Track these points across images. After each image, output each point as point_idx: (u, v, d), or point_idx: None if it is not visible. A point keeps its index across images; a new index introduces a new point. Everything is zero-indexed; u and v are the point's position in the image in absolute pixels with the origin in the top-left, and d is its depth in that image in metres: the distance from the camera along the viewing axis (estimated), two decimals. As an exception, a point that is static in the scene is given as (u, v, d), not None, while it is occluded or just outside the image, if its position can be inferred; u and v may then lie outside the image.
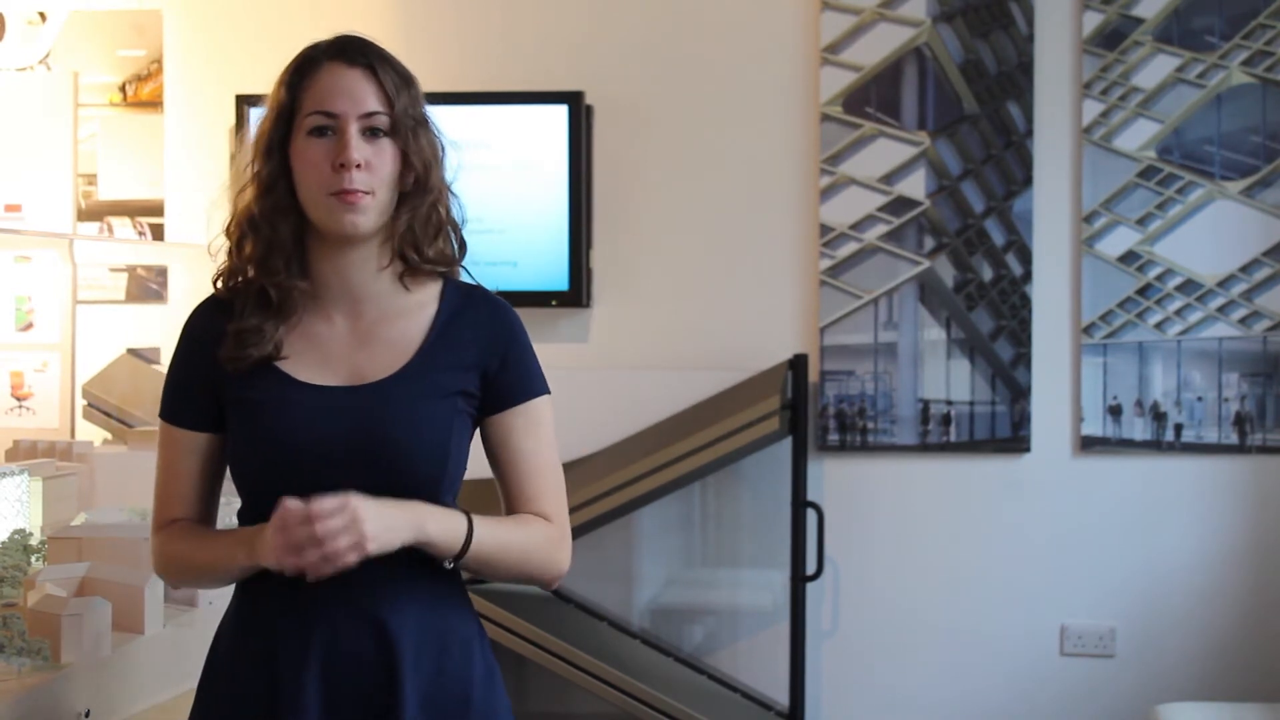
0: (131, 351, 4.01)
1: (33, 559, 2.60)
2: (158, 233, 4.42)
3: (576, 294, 4.20)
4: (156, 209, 4.43)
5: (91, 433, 3.73)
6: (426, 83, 4.73)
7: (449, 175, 1.99)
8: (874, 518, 4.22)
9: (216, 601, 2.73)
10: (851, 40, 4.17)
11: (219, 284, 1.97)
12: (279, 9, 4.39)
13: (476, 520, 1.89)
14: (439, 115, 2.03)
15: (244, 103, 4.26)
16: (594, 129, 4.26)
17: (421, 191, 1.94)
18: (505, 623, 3.91)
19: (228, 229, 1.97)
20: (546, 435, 1.99)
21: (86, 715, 2.32)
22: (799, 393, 4.03)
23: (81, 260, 4.04)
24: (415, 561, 1.89)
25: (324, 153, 1.88)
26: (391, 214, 1.92)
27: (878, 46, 4.16)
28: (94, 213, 4.45)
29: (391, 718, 1.87)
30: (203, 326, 1.97)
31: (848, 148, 4.18)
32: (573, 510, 3.94)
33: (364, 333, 1.94)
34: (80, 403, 3.81)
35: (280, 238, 1.91)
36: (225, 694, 1.94)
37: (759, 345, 4.19)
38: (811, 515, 4.06)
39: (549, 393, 2.01)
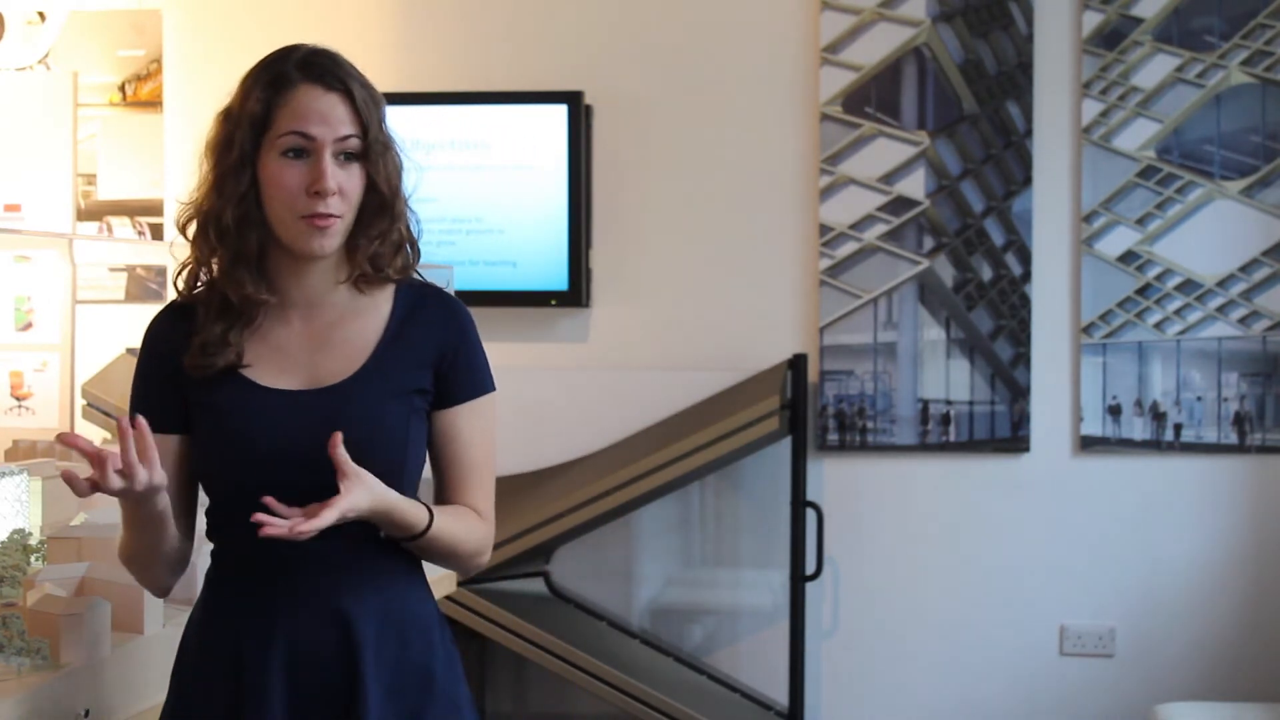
0: (131, 351, 3.99)
1: (32, 559, 2.60)
2: (157, 233, 4.42)
3: (576, 294, 4.20)
4: (156, 209, 4.43)
5: (91, 433, 3.72)
6: (426, 83, 4.73)
7: (408, 190, 2.01)
8: (874, 518, 4.22)
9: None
10: (851, 40, 4.17)
11: (180, 285, 2.00)
12: (279, 9, 4.39)
13: (436, 513, 1.94)
14: (433, 116, 2.04)
15: (244, 103, 4.26)
16: (593, 129, 4.26)
17: (388, 216, 1.97)
18: (505, 623, 3.92)
19: (184, 224, 1.98)
20: (489, 432, 2.04)
21: (86, 715, 2.31)
22: (798, 393, 4.03)
23: (81, 260, 4.03)
24: (374, 548, 1.94)
25: (298, 176, 1.90)
26: (354, 234, 1.95)
27: (877, 46, 4.16)
28: (93, 212, 4.45)
29: (355, 708, 1.90)
30: (165, 334, 2.00)
31: (847, 148, 4.18)
32: (573, 510, 3.97)
33: (320, 335, 1.97)
34: (80, 403, 3.80)
35: (248, 249, 1.93)
36: (192, 693, 1.98)
37: (759, 345, 4.20)
38: (811, 515, 4.06)
39: (495, 390, 2.05)
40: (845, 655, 4.24)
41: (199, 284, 1.98)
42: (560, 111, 4.19)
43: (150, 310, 4.68)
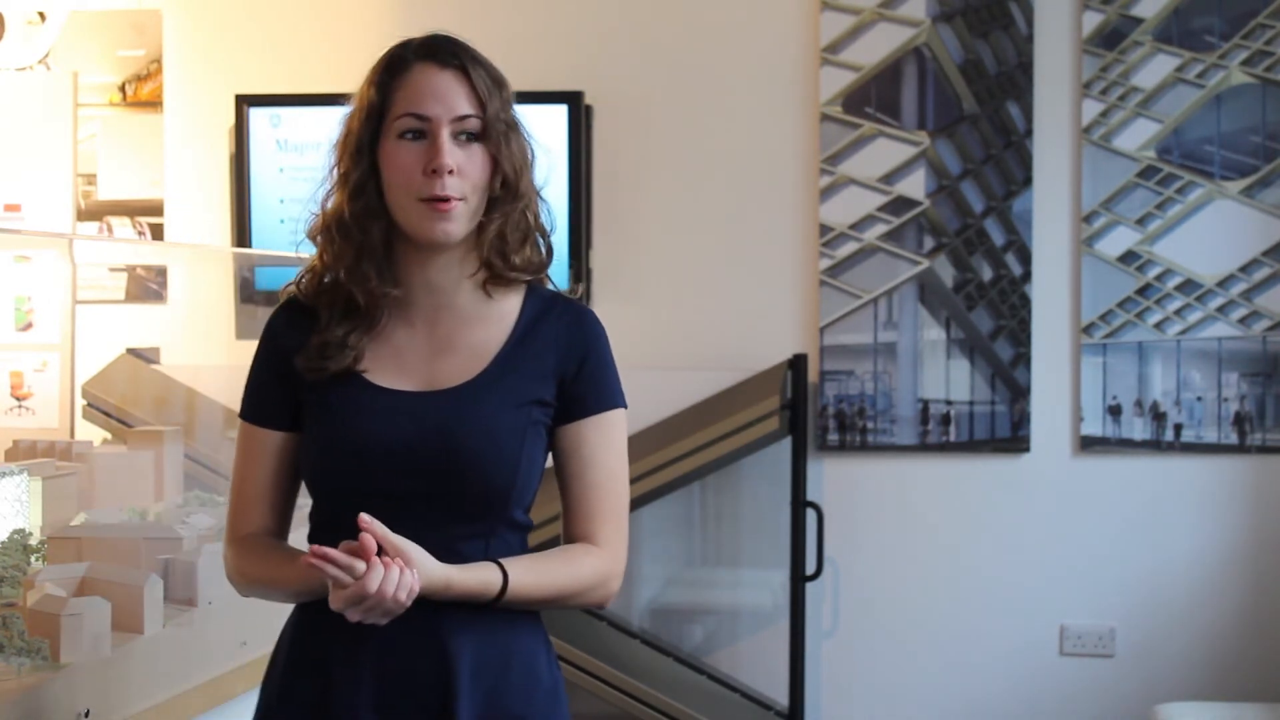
0: (131, 351, 4.00)
1: (32, 559, 2.60)
2: (157, 233, 4.42)
3: (575, 294, 4.20)
4: (156, 209, 4.43)
5: (91, 433, 3.72)
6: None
7: (539, 180, 1.95)
8: (874, 518, 4.22)
9: (216, 601, 2.73)
10: (851, 40, 4.17)
11: (301, 285, 1.94)
12: (279, 9, 4.39)
13: (512, 573, 1.84)
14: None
15: (244, 103, 4.26)
16: (594, 129, 4.26)
17: (512, 198, 1.89)
18: (505, 623, 3.91)
19: (313, 232, 1.92)
20: (617, 450, 1.94)
21: (86, 715, 2.32)
22: (799, 393, 4.03)
23: (81, 260, 4.04)
24: None
25: (415, 157, 1.84)
26: (480, 220, 1.88)
27: (877, 46, 4.16)
28: (94, 213, 4.45)
29: None
30: (283, 330, 1.94)
31: (847, 148, 4.18)
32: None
33: (442, 339, 1.91)
34: (80, 403, 3.80)
35: (371, 242, 1.87)
36: (280, 710, 1.91)
37: (759, 345, 4.20)
38: (811, 515, 4.06)
39: (625, 406, 1.96)
40: (845, 655, 4.24)
41: (321, 283, 1.92)
42: (560, 111, 4.19)
43: (151, 311, 4.71)
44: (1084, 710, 4.15)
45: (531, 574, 1.86)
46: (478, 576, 1.82)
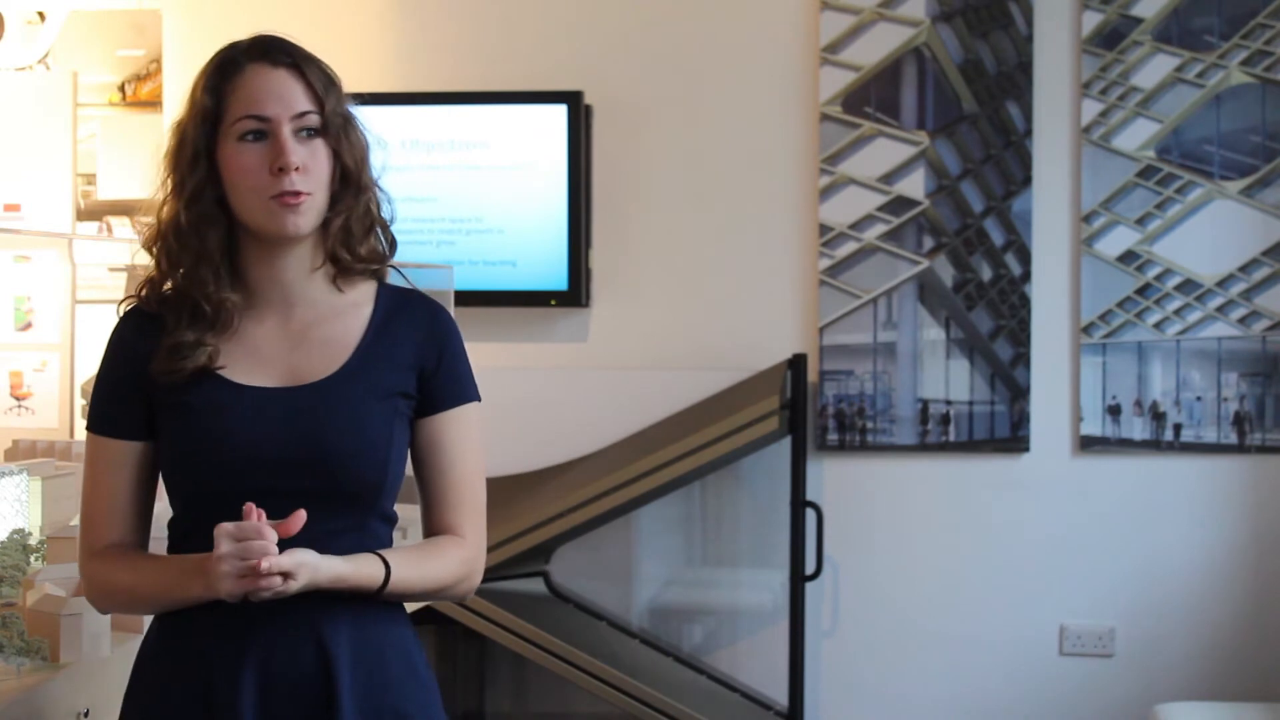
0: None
1: (32, 559, 2.60)
2: (157, 233, 4.41)
3: (576, 294, 4.20)
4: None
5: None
6: (426, 83, 4.72)
7: (375, 172, 1.95)
8: (873, 518, 4.22)
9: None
10: (851, 40, 4.17)
11: (144, 294, 1.92)
12: (279, 9, 4.39)
13: (393, 565, 1.85)
14: (433, 116, 1.99)
15: (243, 103, 4.26)
16: (593, 129, 4.26)
17: (354, 190, 1.90)
18: (505, 623, 3.92)
19: (148, 242, 1.91)
20: (474, 443, 1.95)
21: (86, 715, 2.31)
22: (798, 392, 4.03)
23: (81, 260, 4.03)
24: None
25: (259, 157, 1.84)
26: (324, 214, 1.89)
27: (877, 46, 4.16)
28: (93, 212, 4.45)
29: None
30: (131, 339, 1.92)
31: (847, 147, 4.18)
32: (573, 510, 3.97)
33: (297, 333, 1.90)
34: (80, 402, 3.80)
35: (208, 248, 1.86)
36: (158, 712, 1.87)
37: (759, 345, 4.20)
38: (811, 515, 4.06)
39: (480, 400, 1.97)
40: (845, 655, 4.24)
41: (163, 292, 1.90)
42: (560, 111, 4.19)
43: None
44: (1084, 710, 4.15)
45: (410, 566, 1.87)
46: (365, 570, 1.83)
